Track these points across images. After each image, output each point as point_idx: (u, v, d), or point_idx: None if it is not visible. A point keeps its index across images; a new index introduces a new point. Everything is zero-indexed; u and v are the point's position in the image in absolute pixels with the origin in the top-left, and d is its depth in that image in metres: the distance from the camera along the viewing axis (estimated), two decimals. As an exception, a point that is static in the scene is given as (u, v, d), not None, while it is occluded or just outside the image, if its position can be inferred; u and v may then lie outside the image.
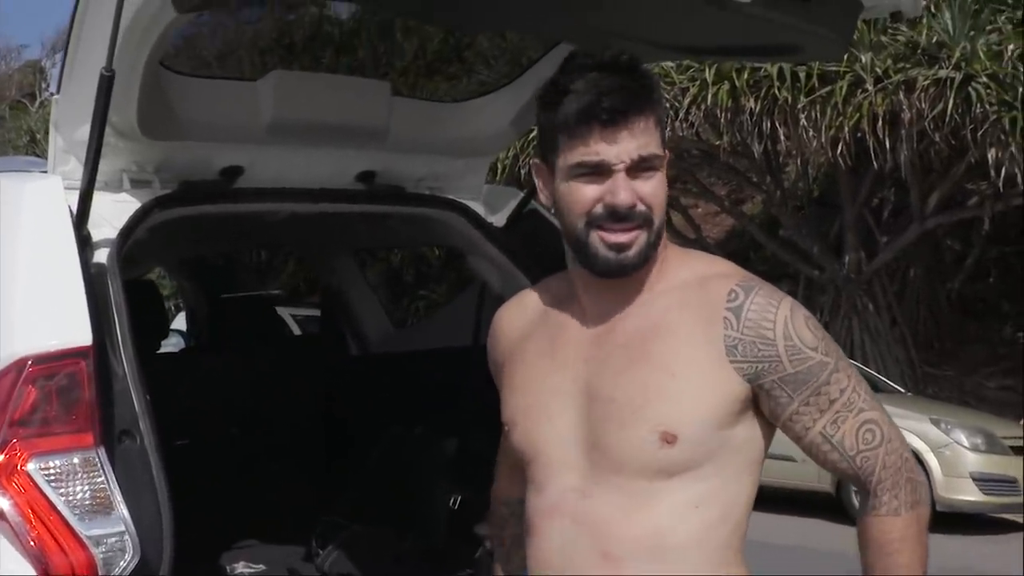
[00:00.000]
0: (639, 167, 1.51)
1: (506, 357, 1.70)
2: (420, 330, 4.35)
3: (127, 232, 2.14)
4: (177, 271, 4.36)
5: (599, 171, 1.50)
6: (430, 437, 3.31)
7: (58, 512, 1.75)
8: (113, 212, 2.18)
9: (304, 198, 2.54)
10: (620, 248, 1.51)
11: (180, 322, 8.04)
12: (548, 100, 1.56)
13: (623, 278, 1.56)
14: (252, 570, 2.90)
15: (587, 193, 1.51)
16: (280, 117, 2.39)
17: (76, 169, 2.09)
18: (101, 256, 2.08)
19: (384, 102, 2.57)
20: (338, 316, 3.81)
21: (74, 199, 2.04)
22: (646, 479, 1.50)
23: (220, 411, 3.35)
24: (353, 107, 2.53)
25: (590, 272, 1.56)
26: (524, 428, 1.62)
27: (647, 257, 1.53)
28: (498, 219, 2.91)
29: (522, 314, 1.71)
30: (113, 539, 1.77)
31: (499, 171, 11.20)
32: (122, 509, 1.79)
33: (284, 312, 10.52)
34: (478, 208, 2.87)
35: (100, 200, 2.14)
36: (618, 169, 1.50)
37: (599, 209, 1.51)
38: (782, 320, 1.51)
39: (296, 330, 9.79)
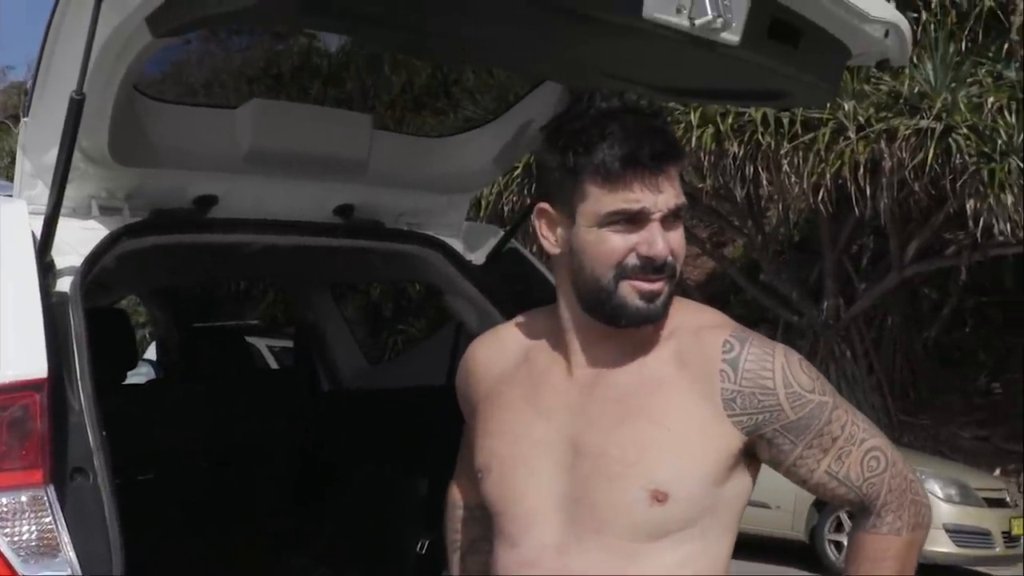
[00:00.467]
0: (673, 216, 1.47)
1: (481, 398, 1.63)
2: (394, 367, 4.28)
3: (93, 260, 2.07)
4: (149, 300, 4.28)
5: (635, 220, 1.45)
6: (401, 477, 3.23)
7: (0, 553, 1.66)
8: (80, 239, 2.11)
9: (280, 230, 2.49)
10: (651, 297, 1.46)
11: (150, 353, 7.93)
12: (574, 143, 1.47)
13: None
14: (213, 611, 2.80)
15: (621, 243, 1.45)
16: (258, 146, 2.34)
17: (42, 194, 2.02)
18: (64, 284, 2.01)
19: (365, 135, 2.52)
20: (312, 350, 3.74)
21: (39, 224, 1.97)
22: (631, 539, 1.43)
23: (187, 445, 3.27)
24: (333, 139, 2.48)
25: (609, 323, 1.49)
26: (500, 475, 1.54)
27: (667, 308, 1.50)
28: (477, 257, 2.86)
29: (500, 352, 1.64)
30: (59, 584, 1.68)
31: (482, 207, 11.19)
32: (69, 551, 1.70)
33: (261, 343, 10.44)
34: (457, 245, 2.82)
35: (67, 227, 2.07)
36: (655, 219, 1.45)
37: (632, 259, 1.45)
38: (780, 368, 1.47)
39: (272, 362, 9.70)
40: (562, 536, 1.46)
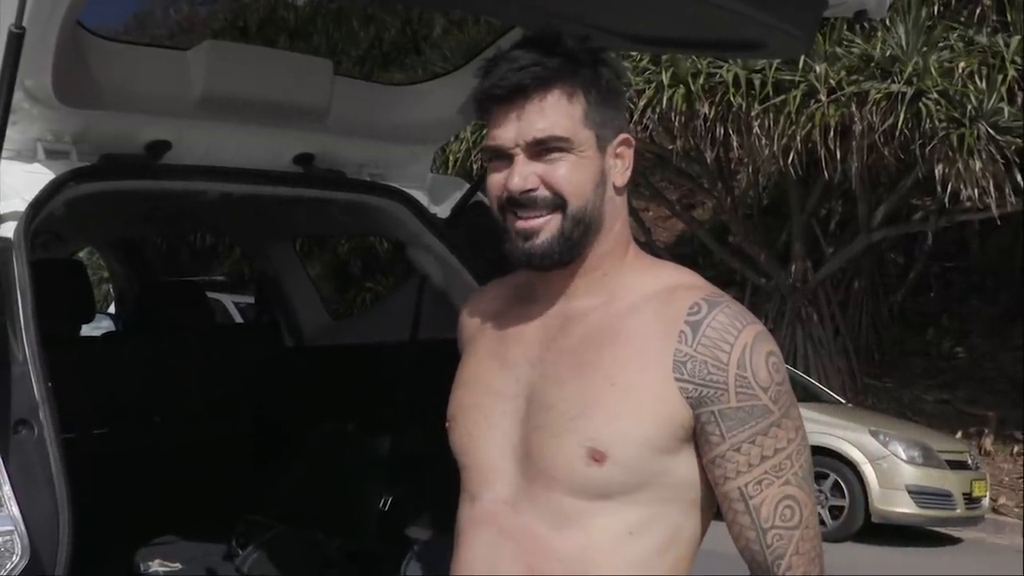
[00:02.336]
0: (541, 149, 1.37)
1: (463, 349, 1.59)
2: (358, 323, 4.20)
3: (38, 205, 1.98)
4: (106, 252, 4.17)
5: (504, 156, 1.39)
6: (362, 435, 3.18)
7: (-62, 508, 1.59)
8: (24, 183, 2.01)
9: (236, 178, 2.40)
10: (527, 235, 1.39)
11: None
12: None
13: (561, 276, 1.43)
14: (167, 569, 2.75)
15: (495, 179, 1.41)
16: (212, 90, 2.25)
17: (-16, 136, 1.93)
18: (6, 230, 1.92)
19: (325, 81, 2.44)
20: (273, 305, 3.66)
21: (-20, 168, 1.89)
22: (575, 496, 1.36)
23: (142, 399, 3.19)
24: (292, 85, 2.39)
25: (516, 263, 1.44)
26: (463, 427, 1.50)
27: (562, 249, 1.39)
28: (442, 210, 2.78)
29: (485, 305, 1.59)
30: (1, 538, 1.62)
31: (451, 164, 11.09)
32: (11, 506, 1.63)
33: (227, 299, 10.32)
34: (421, 198, 2.75)
35: (10, 170, 1.99)
36: (515, 152, 1.38)
37: (504, 195, 1.40)
38: (741, 346, 1.35)
39: (239, 318, 9.59)
40: (516, 491, 1.41)
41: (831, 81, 10.20)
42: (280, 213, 2.92)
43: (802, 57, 10.10)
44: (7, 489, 1.64)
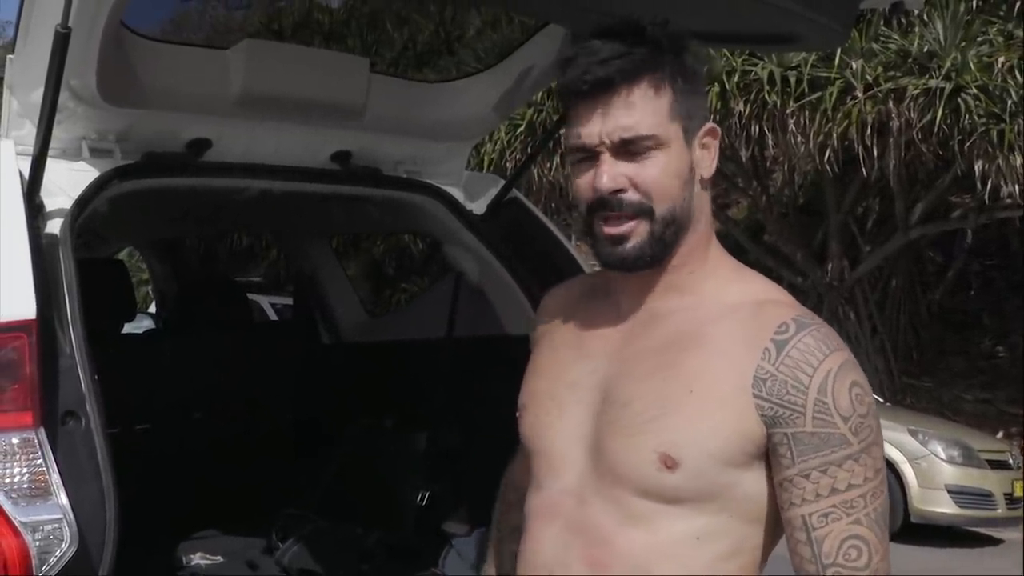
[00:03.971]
0: (632, 147, 1.33)
1: (537, 339, 1.56)
2: (394, 320, 4.23)
3: (83, 202, 2.03)
4: (147, 251, 4.23)
5: (591, 155, 1.34)
6: (400, 430, 3.21)
7: (-8, 496, 1.63)
8: (70, 181, 2.06)
9: (276, 175, 2.43)
10: (615, 241, 1.35)
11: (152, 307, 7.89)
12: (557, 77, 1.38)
13: (645, 274, 1.39)
14: (209, 561, 2.78)
15: (582, 179, 1.36)
16: (251, 89, 2.28)
17: (30, 134, 1.97)
18: (53, 227, 1.96)
19: (362, 79, 2.46)
20: (310, 302, 3.69)
21: (27, 166, 1.93)
22: (643, 498, 1.34)
23: (184, 396, 3.23)
24: (329, 82, 2.42)
25: (605, 266, 1.41)
26: (533, 414, 1.48)
27: (654, 252, 1.35)
28: (478, 206, 2.81)
29: (563, 299, 1.57)
30: (50, 526, 1.65)
31: (485, 164, 11.11)
32: (61, 495, 1.67)
33: (264, 300, 10.41)
34: (457, 194, 2.77)
35: (56, 168, 2.03)
36: (600, 151, 1.33)
37: (592, 195, 1.34)
38: (825, 371, 1.30)
39: (274, 318, 9.67)
40: (582, 484, 1.39)
41: (868, 77, 10.11)
42: (318, 210, 2.96)
43: (838, 53, 10.04)
44: (56, 478, 1.67)
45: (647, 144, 1.32)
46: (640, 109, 1.32)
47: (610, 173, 1.32)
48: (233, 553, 2.82)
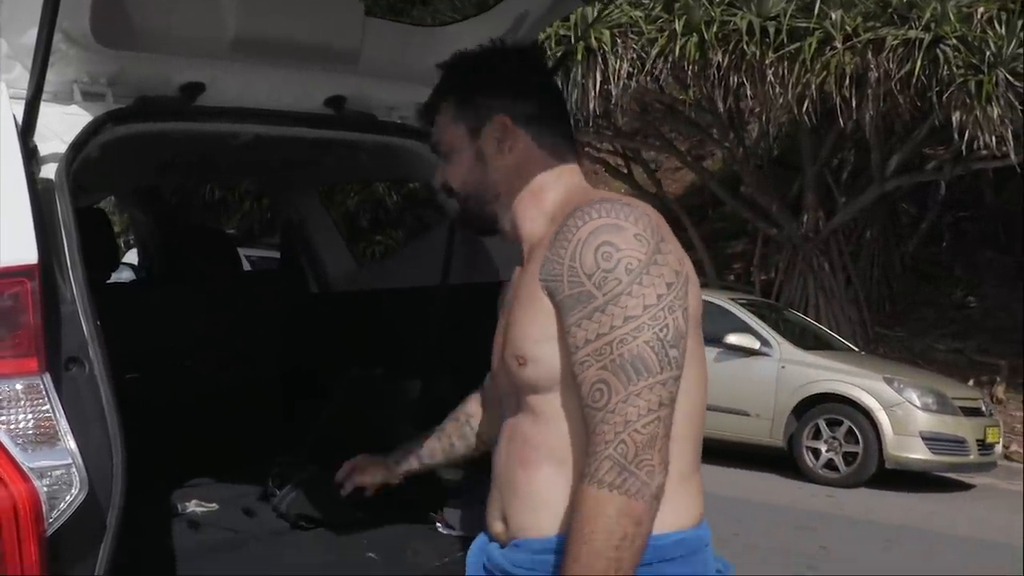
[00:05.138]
0: (445, 151, 1.76)
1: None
2: (385, 268, 4.20)
3: (78, 146, 1.99)
4: (129, 201, 4.17)
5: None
6: (392, 379, 3.20)
7: (-1, 443, 1.62)
8: (63, 125, 2.02)
9: (269, 120, 2.39)
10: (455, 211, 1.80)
11: (129, 258, 7.83)
12: None
13: (486, 233, 1.80)
14: (205, 509, 2.77)
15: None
16: (245, 32, 2.24)
17: (22, 77, 1.93)
18: (49, 171, 1.92)
19: (357, 22, 2.43)
20: (298, 252, 3.66)
21: (20, 109, 1.88)
22: (532, 395, 1.61)
23: (173, 344, 3.21)
24: (324, 26, 2.38)
25: None
26: (492, 372, 1.81)
27: (472, 217, 1.77)
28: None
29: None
30: (59, 471, 1.64)
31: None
32: (68, 440, 1.66)
33: (238, 252, 10.34)
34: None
35: (49, 112, 1.99)
36: (440, 154, 1.78)
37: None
38: (576, 241, 1.52)
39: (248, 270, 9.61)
40: (512, 404, 1.69)
41: (847, 28, 10.11)
42: (311, 157, 2.92)
43: (817, 4, 10.00)
44: (64, 424, 1.66)
45: (441, 149, 1.78)
46: (446, 122, 1.76)
47: (438, 174, 1.79)
48: (228, 500, 2.81)
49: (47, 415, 1.66)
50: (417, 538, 2.56)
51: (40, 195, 1.86)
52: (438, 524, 2.62)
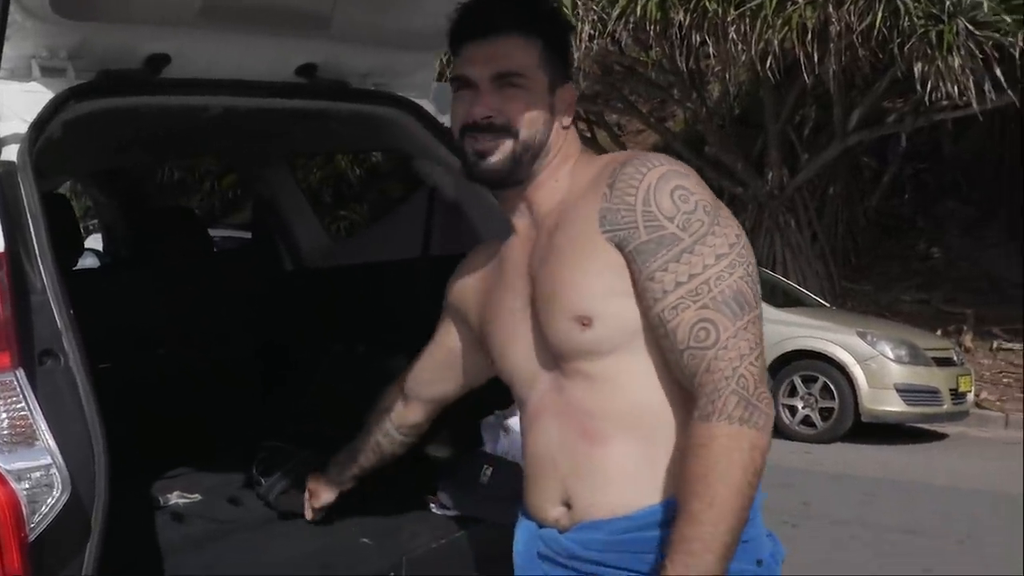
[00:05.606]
0: (503, 83, 1.58)
1: (478, 299, 1.78)
2: (361, 241, 4.09)
3: (40, 125, 1.87)
4: (92, 184, 4.02)
5: (469, 85, 1.60)
6: (374, 356, 3.11)
7: (-27, 446, 1.51)
8: (22, 104, 1.90)
9: (239, 91, 2.28)
10: (482, 155, 1.59)
11: (92, 243, 7.63)
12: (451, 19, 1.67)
13: (517, 187, 1.63)
14: (188, 500, 2.67)
15: (460, 106, 1.62)
16: (212, -1, 2.12)
17: (-24, 54, 1.81)
18: (10, 153, 1.82)
19: (328, -16, 2.31)
20: (271, 228, 3.54)
21: (-26, 87, 1.77)
22: (593, 360, 1.53)
23: (146, 331, 3.09)
24: (294, -11, 2.26)
25: (471, 179, 1.66)
26: (499, 355, 1.70)
27: (516, 166, 1.60)
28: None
29: (477, 260, 1.83)
30: (38, 473, 1.55)
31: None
32: (47, 439, 1.56)
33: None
34: (428, 107, 2.65)
35: (6, 90, 1.89)
36: (480, 83, 1.59)
37: (468, 120, 1.60)
38: (645, 186, 1.50)
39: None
40: (553, 379, 1.60)
41: (807, -18, 10.04)
42: (283, 128, 2.81)
43: (778, -41, 9.92)
44: (41, 421, 1.56)
45: (514, 80, 1.59)
46: (515, 51, 1.59)
47: (485, 102, 1.58)
48: (212, 490, 2.72)
49: (23, 413, 1.56)
50: (411, 520, 2.48)
51: (2, 179, 1.75)
52: (432, 505, 2.53)
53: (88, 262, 4.86)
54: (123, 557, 2.03)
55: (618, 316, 1.51)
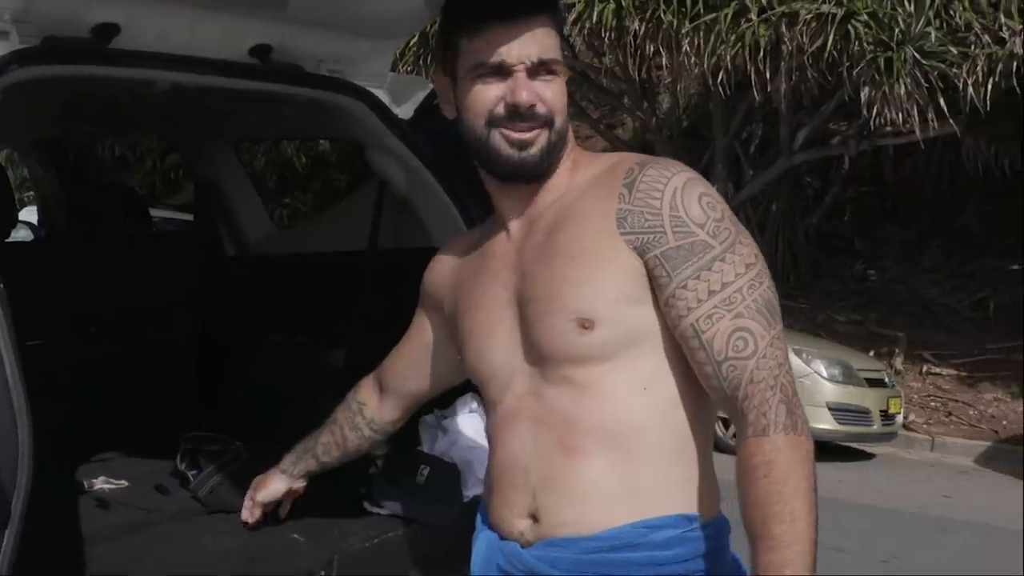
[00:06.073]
0: (543, 69, 1.49)
1: (452, 291, 1.71)
2: (307, 231, 4.01)
3: (-22, 90, 1.79)
4: (30, 154, 3.89)
5: (501, 71, 1.49)
6: (315, 347, 3.05)
7: None
8: (-40, 66, 1.82)
9: (189, 68, 2.21)
10: (522, 145, 1.49)
11: (26, 216, 7.43)
12: (448, 3, 1.56)
13: (534, 182, 1.54)
14: (113, 486, 2.58)
15: (489, 93, 1.49)
16: (167, -32, 2.05)
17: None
18: (-56, 116, 1.73)
19: (287, -38, 2.25)
20: (213, 212, 3.46)
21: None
22: (584, 366, 1.46)
23: (79, 310, 2.99)
24: (250, -34, 2.20)
25: (494, 175, 1.55)
26: (473, 350, 1.61)
27: (550, 158, 1.52)
28: (404, 111, 2.64)
29: (466, 245, 1.73)
30: (-44, 454, 1.47)
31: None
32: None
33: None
34: (383, 97, 2.60)
35: (-55, 52, 1.79)
36: (518, 70, 1.48)
37: (500, 109, 1.49)
38: (671, 191, 1.45)
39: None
40: (532, 382, 1.52)
41: (762, 1, 10.14)
42: (232, 109, 2.73)
43: (735, -25, 10.00)
44: (-39, 399, 1.48)
45: (554, 68, 1.51)
46: (549, 38, 1.50)
47: (529, 89, 1.48)
48: (139, 477, 2.63)
49: (-57, 390, 1.48)
50: (344, 518, 2.42)
51: (-66, 142, 1.67)
52: (366, 503, 2.48)
53: (21, 235, 4.72)
54: (44, 543, 1.95)
55: (622, 323, 1.45)
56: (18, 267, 2.76)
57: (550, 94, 1.50)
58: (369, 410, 1.99)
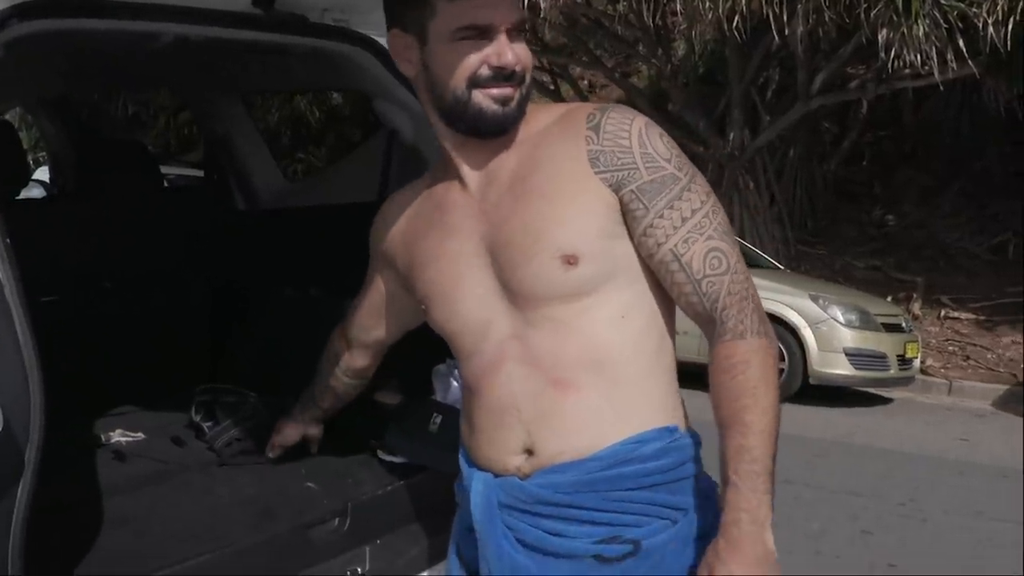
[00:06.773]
0: (516, 30, 1.57)
1: (403, 244, 1.76)
2: (318, 183, 4.00)
3: (-22, 45, 1.78)
4: (39, 111, 3.89)
5: (484, 33, 1.55)
6: (325, 300, 3.05)
7: None
8: (-41, 21, 1.80)
9: (194, 19, 2.19)
10: (506, 102, 1.57)
11: (39, 175, 7.47)
12: None
13: (502, 135, 1.61)
14: (130, 438, 2.61)
15: (473, 55, 1.55)
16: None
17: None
18: (-55, 72, 1.72)
19: (288, -91, 2.22)
20: (224, 166, 3.45)
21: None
22: (567, 303, 1.55)
23: (91, 264, 3.01)
24: (251, -86, 2.17)
25: (471, 133, 1.60)
26: (439, 305, 1.67)
27: (523, 112, 1.60)
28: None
29: (412, 197, 1.78)
30: (-31, 406, 1.48)
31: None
32: (-21, 371, 1.50)
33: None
34: (388, 47, 2.57)
35: (-58, 6, 1.77)
36: (502, 31, 1.55)
37: (484, 70, 1.55)
38: (636, 131, 1.55)
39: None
40: (513, 326, 1.59)
41: (778, -58, 9.98)
42: (237, 62, 2.72)
43: (749, -84, 9.83)
44: (-28, 353, 1.50)
45: (524, 28, 1.61)
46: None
47: (512, 50, 1.56)
48: (155, 429, 2.66)
49: (-48, 346, 1.49)
50: (358, 466, 2.44)
51: (-64, 98, 1.66)
52: (379, 452, 2.50)
53: (34, 193, 4.73)
54: (61, 495, 1.98)
55: (604, 256, 1.55)
56: (28, 224, 2.78)
57: (523, 53, 1.59)
58: (343, 360, 2.15)
